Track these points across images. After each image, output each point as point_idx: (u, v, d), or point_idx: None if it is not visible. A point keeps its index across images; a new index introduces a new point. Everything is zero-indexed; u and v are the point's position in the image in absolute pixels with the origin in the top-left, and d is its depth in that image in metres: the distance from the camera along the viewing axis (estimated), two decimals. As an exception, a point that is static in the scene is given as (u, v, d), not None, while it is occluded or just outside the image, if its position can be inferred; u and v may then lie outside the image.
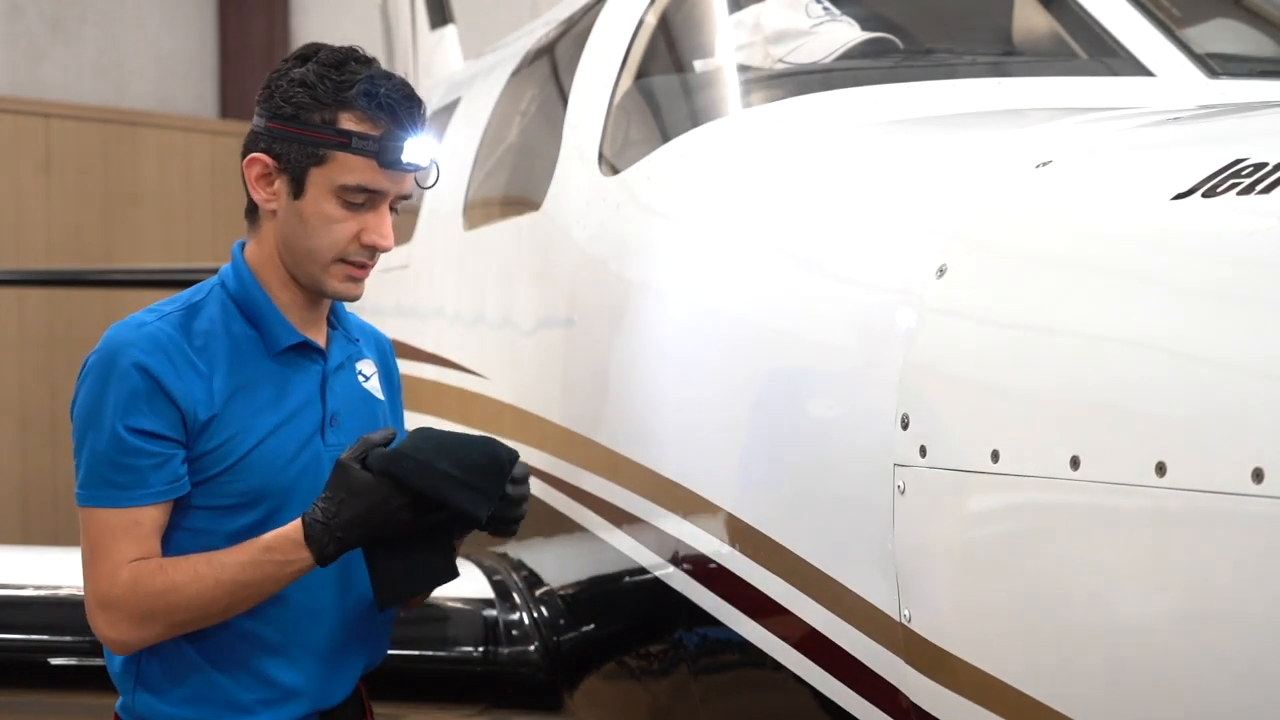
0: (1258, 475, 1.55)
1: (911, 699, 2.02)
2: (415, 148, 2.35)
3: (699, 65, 3.34)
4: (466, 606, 3.51)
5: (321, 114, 2.34)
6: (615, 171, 3.24)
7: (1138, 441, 1.68)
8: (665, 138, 3.15)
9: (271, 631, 2.39)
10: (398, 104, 2.35)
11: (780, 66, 3.14)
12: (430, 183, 2.42)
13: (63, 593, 3.62)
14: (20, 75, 9.79)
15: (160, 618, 2.31)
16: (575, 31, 3.96)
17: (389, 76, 2.38)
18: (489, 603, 3.52)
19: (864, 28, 3.19)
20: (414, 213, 4.92)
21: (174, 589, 2.30)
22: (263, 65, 10.72)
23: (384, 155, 2.33)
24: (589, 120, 3.45)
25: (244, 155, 2.41)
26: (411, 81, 8.40)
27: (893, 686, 2.07)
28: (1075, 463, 1.74)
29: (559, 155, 3.54)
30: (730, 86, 3.17)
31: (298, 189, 2.36)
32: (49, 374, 9.40)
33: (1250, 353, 1.61)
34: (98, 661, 3.72)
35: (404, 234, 5.00)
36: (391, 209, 2.41)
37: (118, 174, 9.83)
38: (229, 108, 10.83)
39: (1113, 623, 1.72)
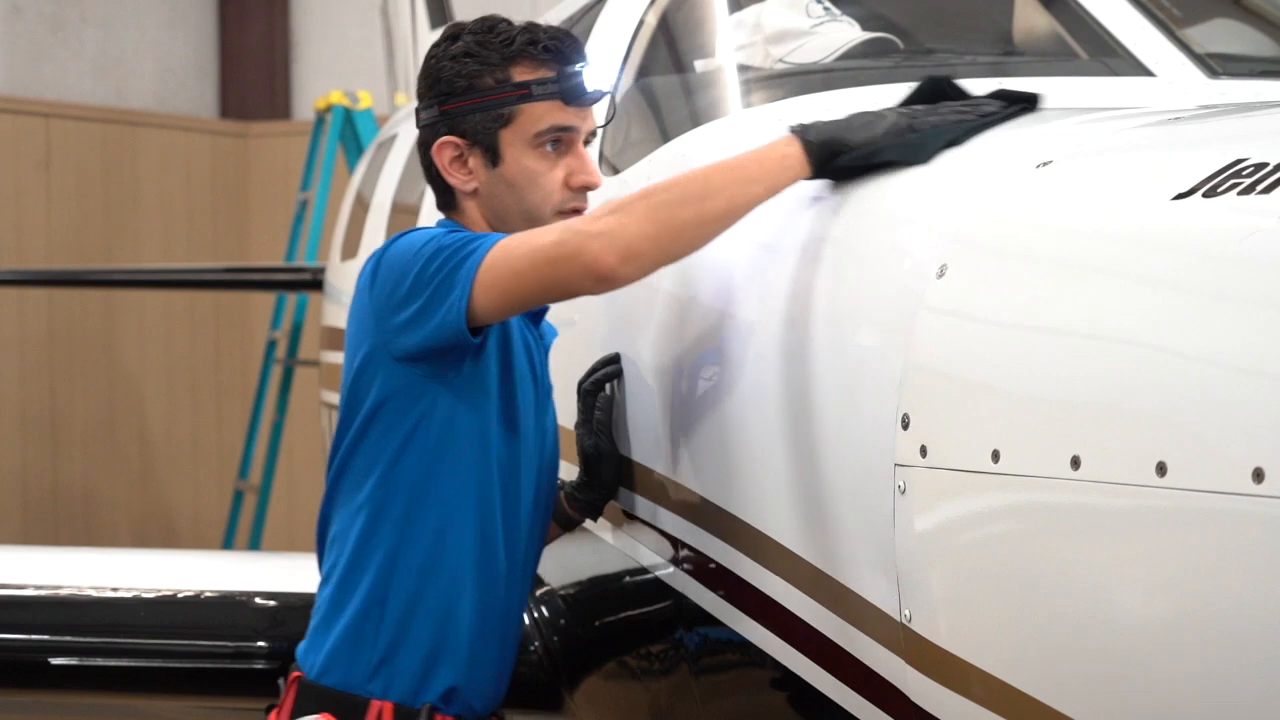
0: (1258, 475, 1.55)
1: (911, 699, 2.02)
2: (592, 76, 2.42)
3: (699, 65, 3.34)
4: (467, 606, 3.51)
5: (493, 75, 2.39)
6: (615, 171, 3.24)
7: (1138, 441, 1.68)
8: (665, 138, 3.14)
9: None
10: (561, 42, 2.42)
11: (780, 66, 3.14)
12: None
13: (63, 593, 3.62)
14: (20, 75, 9.78)
15: (644, 214, 2.22)
16: (575, 31, 3.95)
17: (541, 25, 2.45)
18: (489, 603, 3.52)
19: (864, 28, 3.19)
20: (414, 212, 4.92)
21: (650, 188, 2.26)
22: (263, 65, 10.70)
23: (566, 92, 2.40)
24: (589, 120, 3.45)
25: (425, 149, 2.44)
26: (410, 83, 8.35)
27: (893, 686, 2.06)
28: (1076, 463, 1.74)
29: (559, 155, 3.54)
30: (730, 86, 3.17)
31: (494, 157, 2.40)
32: (49, 374, 9.39)
33: (1250, 353, 1.61)
34: (98, 661, 3.70)
35: (404, 234, 4.98)
36: (585, 145, 2.46)
37: (118, 174, 9.81)
38: (229, 108, 10.81)
39: (1113, 623, 1.72)
